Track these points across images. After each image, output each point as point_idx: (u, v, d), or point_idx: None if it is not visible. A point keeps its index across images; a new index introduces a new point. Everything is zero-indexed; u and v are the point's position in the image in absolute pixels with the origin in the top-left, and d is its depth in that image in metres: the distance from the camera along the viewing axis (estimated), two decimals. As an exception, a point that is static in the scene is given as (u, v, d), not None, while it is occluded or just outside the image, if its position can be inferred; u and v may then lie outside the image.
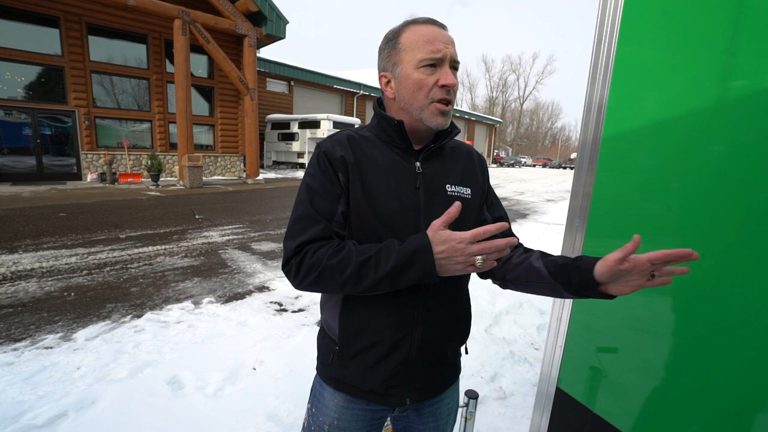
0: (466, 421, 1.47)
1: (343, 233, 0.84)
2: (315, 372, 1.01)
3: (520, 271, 0.88)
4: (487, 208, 0.98)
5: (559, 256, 0.87)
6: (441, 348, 0.92)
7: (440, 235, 0.72)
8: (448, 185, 0.89)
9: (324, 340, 0.95)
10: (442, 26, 0.84)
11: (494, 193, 1.03)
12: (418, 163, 0.87)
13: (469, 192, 0.91)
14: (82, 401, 2.00)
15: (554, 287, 0.82)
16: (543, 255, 0.87)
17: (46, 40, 10.89)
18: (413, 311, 0.85)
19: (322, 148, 0.87)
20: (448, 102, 0.83)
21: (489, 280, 0.97)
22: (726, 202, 0.90)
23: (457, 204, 0.72)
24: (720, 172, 0.90)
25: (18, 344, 2.67)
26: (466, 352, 1.03)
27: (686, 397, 0.99)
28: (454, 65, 0.83)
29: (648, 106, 1.04)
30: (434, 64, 0.81)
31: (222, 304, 3.55)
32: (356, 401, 0.92)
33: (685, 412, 1.00)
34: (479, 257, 0.70)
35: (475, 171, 0.96)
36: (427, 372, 0.91)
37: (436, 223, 0.73)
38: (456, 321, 0.94)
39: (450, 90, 0.82)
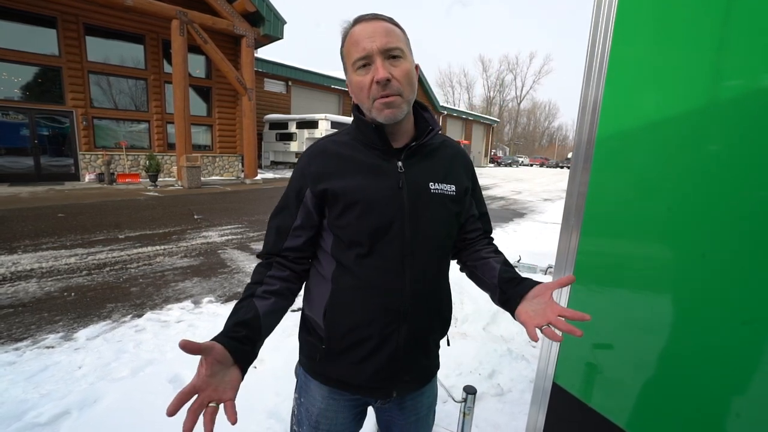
0: (464, 416, 1.50)
1: (300, 244, 0.91)
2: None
3: (481, 264, 0.99)
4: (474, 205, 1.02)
5: (513, 269, 0.96)
6: (425, 341, 0.94)
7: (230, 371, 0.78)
8: (431, 183, 0.90)
9: (307, 336, 0.96)
10: (371, 18, 0.82)
11: (480, 190, 1.06)
12: (399, 163, 0.88)
13: (453, 189, 0.92)
14: (84, 400, 2.02)
15: (495, 290, 0.94)
16: (505, 262, 0.98)
17: (43, 41, 10.84)
18: (401, 307, 0.87)
19: (299, 165, 0.91)
20: (387, 96, 0.81)
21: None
22: (722, 201, 0.89)
23: None
24: (715, 171, 0.90)
25: (19, 344, 2.68)
26: (448, 344, 1.05)
27: (684, 396, 0.99)
28: (390, 54, 0.80)
29: (642, 106, 1.04)
30: (366, 64, 0.81)
31: (222, 303, 3.57)
32: (343, 393, 0.95)
33: (683, 410, 1.00)
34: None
35: (459, 168, 0.97)
36: (413, 365, 0.93)
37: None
38: (439, 314, 0.97)
39: (386, 83, 0.79)
